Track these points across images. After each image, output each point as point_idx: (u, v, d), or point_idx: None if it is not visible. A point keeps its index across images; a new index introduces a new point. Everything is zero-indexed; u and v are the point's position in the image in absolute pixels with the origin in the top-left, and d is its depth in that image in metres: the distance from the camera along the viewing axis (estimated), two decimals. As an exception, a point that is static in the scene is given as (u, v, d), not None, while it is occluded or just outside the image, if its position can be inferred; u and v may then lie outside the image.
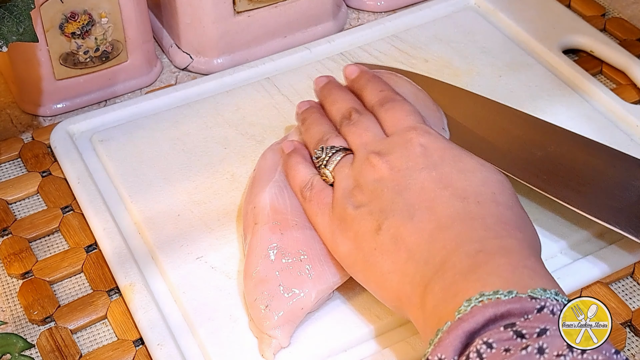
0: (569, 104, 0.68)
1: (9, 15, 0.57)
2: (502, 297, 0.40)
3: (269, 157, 0.59)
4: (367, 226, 0.48)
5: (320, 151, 0.54)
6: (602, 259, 0.57)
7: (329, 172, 0.53)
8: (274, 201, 0.54)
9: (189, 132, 0.66)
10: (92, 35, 0.67)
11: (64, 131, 0.66)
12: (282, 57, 0.73)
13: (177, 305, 0.54)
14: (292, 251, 0.52)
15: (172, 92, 0.70)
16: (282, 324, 0.50)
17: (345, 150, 0.53)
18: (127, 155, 0.64)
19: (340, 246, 0.50)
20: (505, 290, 0.40)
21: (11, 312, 0.56)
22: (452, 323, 0.40)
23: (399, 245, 0.47)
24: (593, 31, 0.75)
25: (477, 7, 0.78)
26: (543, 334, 0.38)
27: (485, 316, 0.39)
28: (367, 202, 0.49)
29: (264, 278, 0.51)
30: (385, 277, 0.47)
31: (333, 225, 0.51)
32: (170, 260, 0.56)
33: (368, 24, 0.77)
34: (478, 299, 0.40)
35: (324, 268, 0.52)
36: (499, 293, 0.40)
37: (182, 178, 0.62)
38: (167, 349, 0.51)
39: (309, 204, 0.53)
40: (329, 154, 0.53)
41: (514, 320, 0.39)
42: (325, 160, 0.53)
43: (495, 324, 0.39)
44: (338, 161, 0.53)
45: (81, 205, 0.61)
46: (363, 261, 0.48)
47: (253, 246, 0.53)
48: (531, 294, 0.40)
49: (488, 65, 0.72)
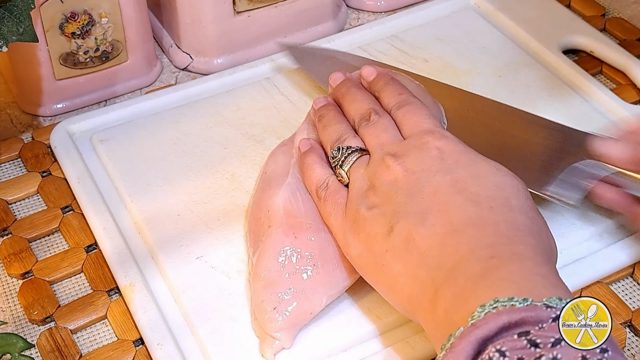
0: (569, 104, 0.68)
1: (9, 15, 0.57)
2: (516, 305, 0.39)
3: (280, 159, 0.58)
4: (379, 228, 0.48)
5: (337, 151, 0.54)
6: (602, 259, 0.57)
7: (345, 173, 0.53)
8: (288, 204, 0.54)
9: (189, 132, 0.66)
10: (92, 35, 0.67)
11: (64, 131, 0.66)
12: (282, 57, 0.73)
13: (177, 305, 0.54)
14: (304, 255, 0.52)
15: (172, 92, 0.70)
16: (288, 326, 0.50)
17: (362, 150, 0.53)
18: (127, 155, 0.64)
19: (352, 247, 0.50)
20: (520, 298, 0.39)
21: (11, 312, 0.56)
22: (465, 329, 0.39)
23: (410, 248, 0.46)
24: (593, 31, 0.75)
25: (477, 7, 0.78)
26: (557, 344, 0.37)
27: (499, 323, 0.39)
28: (380, 203, 0.49)
29: (273, 281, 0.51)
30: (396, 279, 0.47)
31: (346, 225, 0.50)
32: (170, 260, 0.56)
33: (368, 24, 0.77)
34: (492, 305, 0.39)
35: (335, 273, 0.51)
36: (513, 300, 0.39)
37: (182, 178, 0.62)
38: (167, 349, 0.51)
39: (323, 203, 0.53)
40: (345, 154, 0.53)
41: (528, 329, 0.38)
42: (341, 160, 0.53)
43: (509, 332, 0.38)
44: (354, 162, 0.53)
45: (81, 205, 0.61)
46: (374, 263, 0.48)
47: (265, 249, 0.52)
48: (547, 302, 0.39)
49: (488, 65, 0.72)
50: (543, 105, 0.67)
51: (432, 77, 0.69)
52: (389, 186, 0.49)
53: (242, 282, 0.55)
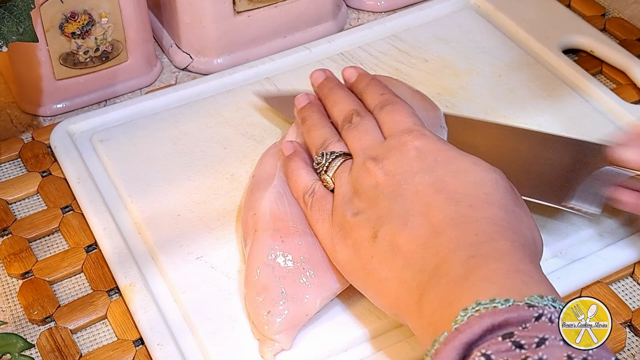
0: (569, 103, 0.68)
1: (9, 15, 0.57)
2: (499, 306, 0.39)
3: (268, 161, 0.58)
4: (364, 234, 0.48)
5: (321, 157, 0.53)
6: (602, 258, 0.56)
7: (330, 178, 0.53)
8: (274, 208, 0.54)
9: (189, 132, 0.65)
10: (92, 35, 0.67)
11: (64, 131, 0.66)
12: (282, 57, 0.73)
13: (177, 305, 0.54)
14: (293, 258, 0.51)
15: (172, 92, 0.69)
16: (285, 328, 0.50)
17: (346, 155, 0.53)
18: (127, 155, 0.63)
19: (339, 254, 0.50)
20: (501, 299, 0.39)
21: (11, 312, 0.56)
22: (449, 334, 0.39)
23: (395, 252, 0.46)
24: (593, 31, 0.74)
25: (477, 7, 0.78)
26: (542, 344, 0.37)
27: (482, 327, 0.38)
28: (364, 209, 0.49)
29: (265, 285, 0.51)
30: (383, 284, 0.46)
31: (333, 232, 0.50)
32: (170, 260, 0.56)
33: (368, 24, 0.77)
34: (474, 308, 0.39)
35: (326, 274, 0.51)
36: (495, 301, 0.39)
37: (182, 178, 0.62)
38: (167, 349, 0.51)
39: (310, 210, 0.52)
40: (329, 159, 0.53)
41: (512, 330, 0.38)
42: (326, 166, 0.53)
43: (493, 334, 0.38)
44: (338, 167, 0.52)
45: (81, 205, 0.61)
46: (361, 269, 0.48)
47: (253, 253, 0.52)
48: (528, 301, 0.39)
49: (488, 64, 0.71)
50: (543, 104, 0.67)
51: (433, 76, 0.69)
52: (371, 191, 0.49)
53: (242, 282, 0.54)
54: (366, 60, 0.72)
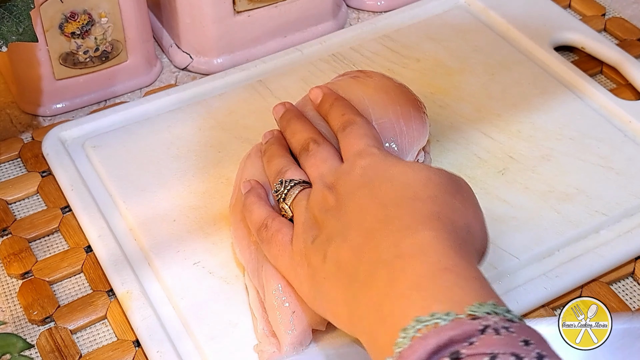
0: (562, 100, 0.65)
1: (9, 15, 0.56)
2: (440, 323, 0.36)
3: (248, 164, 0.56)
4: (318, 258, 0.45)
5: (280, 184, 0.51)
6: (599, 256, 0.54)
7: (288, 206, 0.50)
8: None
9: (183, 136, 0.63)
10: (92, 35, 0.67)
11: (55, 138, 0.64)
12: (273, 59, 0.70)
13: (175, 312, 0.52)
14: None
15: (165, 97, 0.67)
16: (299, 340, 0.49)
17: (305, 183, 0.50)
18: (121, 160, 0.61)
19: (303, 284, 0.46)
20: (442, 312, 0.36)
21: (11, 312, 0.55)
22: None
23: (339, 268, 0.43)
24: (584, 27, 0.72)
25: (467, 6, 0.76)
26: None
27: (427, 350, 0.35)
28: (319, 234, 0.46)
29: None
30: (336, 304, 0.44)
31: (294, 261, 0.47)
32: (167, 266, 0.54)
33: (359, 24, 0.74)
34: (415, 327, 0.36)
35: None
36: (435, 317, 0.36)
37: (177, 182, 0.59)
38: (166, 356, 0.49)
39: (267, 246, 0.49)
40: (288, 187, 0.50)
41: (458, 348, 0.35)
42: (284, 194, 0.50)
43: (439, 355, 0.35)
44: (296, 195, 0.50)
45: (75, 212, 0.59)
46: (319, 293, 0.45)
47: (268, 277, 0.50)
48: (470, 312, 0.36)
49: (480, 63, 0.69)
50: (536, 102, 0.65)
51: (425, 76, 0.67)
52: (325, 215, 0.46)
53: (241, 287, 0.52)
54: (358, 61, 0.69)
